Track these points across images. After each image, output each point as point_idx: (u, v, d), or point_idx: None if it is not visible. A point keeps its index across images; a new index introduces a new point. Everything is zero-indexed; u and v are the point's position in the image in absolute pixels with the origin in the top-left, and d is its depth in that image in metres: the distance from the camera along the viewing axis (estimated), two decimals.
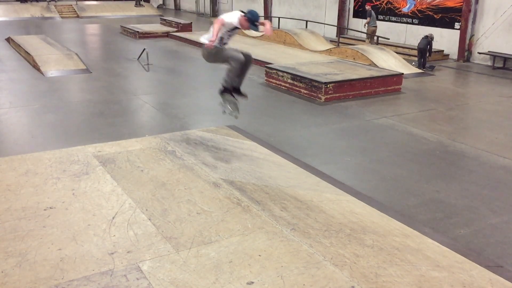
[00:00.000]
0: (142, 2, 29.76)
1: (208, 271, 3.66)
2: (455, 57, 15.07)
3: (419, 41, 13.91)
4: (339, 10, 18.93)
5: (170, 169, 5.66)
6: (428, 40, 13.49)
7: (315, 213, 4.71)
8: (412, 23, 16.42)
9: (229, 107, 6.28)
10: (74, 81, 11.43)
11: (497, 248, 4.52)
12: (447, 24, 15.28)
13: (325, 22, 19.58)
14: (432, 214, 5.16)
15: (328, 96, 9.76)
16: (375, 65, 12.36)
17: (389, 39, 16.33)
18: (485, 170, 6.41)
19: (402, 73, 11.04)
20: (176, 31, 19.62)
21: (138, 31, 18.94)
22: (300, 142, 7.41)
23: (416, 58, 14.02)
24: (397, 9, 16.90)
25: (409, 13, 16.48)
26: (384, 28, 17.27)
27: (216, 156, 6.20)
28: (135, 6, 29.74)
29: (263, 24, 5.77)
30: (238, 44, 16.30)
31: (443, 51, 15.35)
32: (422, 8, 16.01)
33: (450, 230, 4.83)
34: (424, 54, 13.50)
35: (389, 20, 17.28)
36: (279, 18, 21.88)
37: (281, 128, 8.08)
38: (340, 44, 17.03)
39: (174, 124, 8.15)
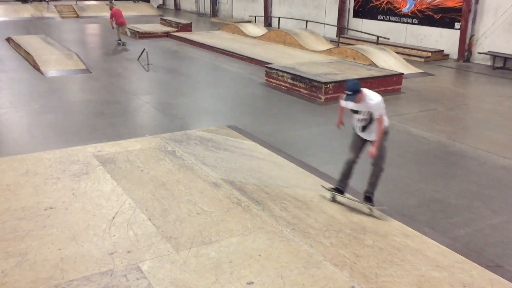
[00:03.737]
0: (113, 1, 29.18)
1: (208, 271, 3.66)
2: (455, 57, 15.06)
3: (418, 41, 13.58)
4: (339, 10, 18.92)
5: (170, 169, 5.66)
6: None
7: (315, 213, 4.72)
8: (412, 23, 16.41)
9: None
10: (74, 81, 11.43)
11: (497, 248, 4.51)
12: (447, 24, 15.26)
13: (325, 22, 19.58)
14: (432, 214, 5.16)
15: (328, 96, 9.75)
16: (375, 65, 12.35)
17: (389, 39, 16.32)
18: (485, 170, 6.40)
19: (402, 73, 11.04)
20: (176, 31, 19.61)
21: (138, 31, 18.95)
22: (300, 142, 7.41)
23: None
24: (397, 9, 16.89)
25: (409, 13, 16.46)
26: (384, 28, 17.26)
27: (216, 156, 6.20)
28: (107, 5, 29.11)
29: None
30: (237, 44, 16.41)
31: (443, 51, 15.34)
32: (422, 8, 15.99)
33: (450, 230, 4.83)
34: None
35: (389, 20, 17.26)
36: (279, 18, 21.87)
37: (281, 128, 8.07)
38: (340, 44, 17.03)
39: (174, 124, 8.14)
